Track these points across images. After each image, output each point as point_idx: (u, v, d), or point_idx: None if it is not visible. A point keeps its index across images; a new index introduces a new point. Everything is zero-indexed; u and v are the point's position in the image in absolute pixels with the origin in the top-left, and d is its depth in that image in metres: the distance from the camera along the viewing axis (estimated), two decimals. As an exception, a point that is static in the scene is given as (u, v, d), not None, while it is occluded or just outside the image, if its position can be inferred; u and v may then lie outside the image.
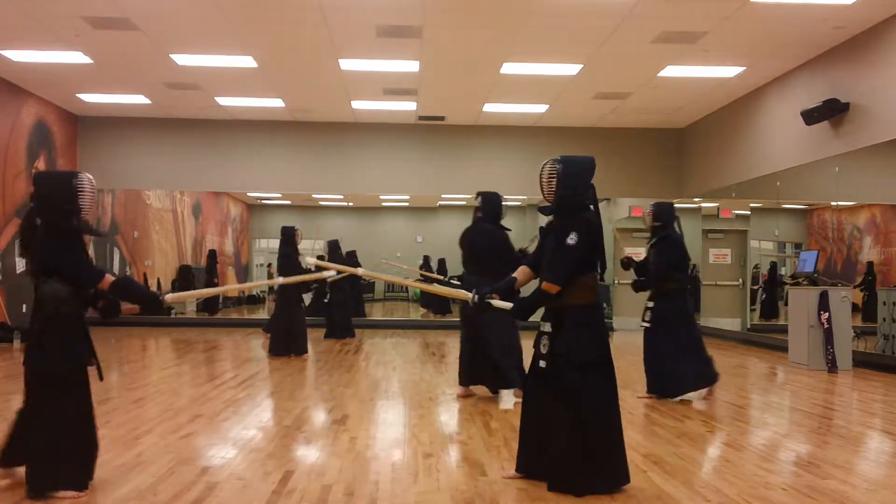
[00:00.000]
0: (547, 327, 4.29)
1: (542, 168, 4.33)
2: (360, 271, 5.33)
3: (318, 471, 4.57)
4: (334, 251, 13.41)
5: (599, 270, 4.33)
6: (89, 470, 4.06)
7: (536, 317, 4.50)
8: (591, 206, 4.35)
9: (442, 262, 20.08)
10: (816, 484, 4.38)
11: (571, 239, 4.18)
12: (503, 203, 7.25)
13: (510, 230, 7.22)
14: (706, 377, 7.16)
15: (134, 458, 4.79)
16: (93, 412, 4.10)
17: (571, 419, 4.08)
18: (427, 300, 19.58)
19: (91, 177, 4.09)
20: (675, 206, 7.61)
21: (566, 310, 4.22)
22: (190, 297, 4.66)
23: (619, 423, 4.23)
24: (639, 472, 4.59)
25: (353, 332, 13.35)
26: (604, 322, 4.38)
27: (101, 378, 4.11)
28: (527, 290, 4.41)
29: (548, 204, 4.38)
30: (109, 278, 4.01)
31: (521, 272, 4.48)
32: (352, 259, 15.22)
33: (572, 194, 4.26)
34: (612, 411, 4.22)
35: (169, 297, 4.14)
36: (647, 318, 7.21)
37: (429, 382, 8.20)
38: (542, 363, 4.24)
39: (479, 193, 7.34)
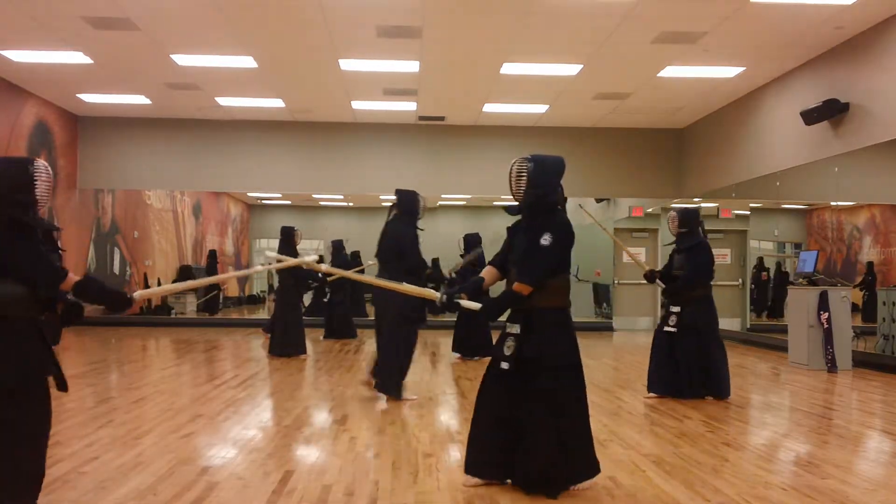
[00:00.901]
0: (515, 329, 4.19)
1: (512, 166, 4.26)
2: (323, 267, 5.11)
3: (318, 471, 4.57)
4: (338, 251, 13.38)
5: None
6: (35, 493, 3.54)
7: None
8: (559, 207, 4.28)
9: (435, 262, 20.03)
10: (816, 484, 4.39)
11: (545, 240, 4.11)
12: (420, 202, 7.19)
13: (423, 230, 7.19)
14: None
15: (134, 458, 4.79)
16: (48, 432, 3.58)
17: (548, 421, 4.05)
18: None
19: (47, 164, 3.64)
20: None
21: (536, 312, 4.15)
22: (160, 293, 4.22)
23: (588, 420, 4.25)
24: (638, 472, 4.60)
25: (354, 332, 13.30)
26: (573, 324, 4.30)
27: (65, 389, 3.68)
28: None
29: (514, 203, 4.32)
30: (73, 278, 3.53)
31: (487, 272, 4.40)
32: (356, 260, 15.19)
33: (543, 194, 4.20)
34: (584, 410, 4.22)
35: (137, 294, 3.73)
36: (671, 323, 7.15)
37: (429, 382, 8.21)
38: (505, 364, 4.15)
39: (396, 191, 7.28)
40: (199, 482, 4.29)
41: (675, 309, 7.16)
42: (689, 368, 7.08)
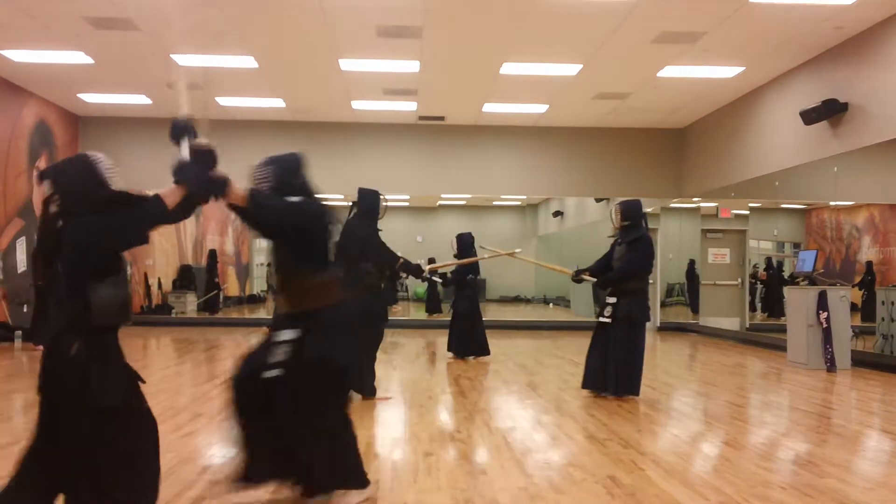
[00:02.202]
0: (288, 335, 3.85)
1: (255, 166, 4.39)
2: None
3: (319, 470, 4.57)
4: None
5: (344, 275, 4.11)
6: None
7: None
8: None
9: (431, 261, 20.03)
10: (815, 483, 4.40)
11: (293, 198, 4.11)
12: (380, 201, 7.11)
13: (381, 230, 7.13)
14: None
15: (135, 458, 4.79)
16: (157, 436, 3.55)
17: (312, 421, 3.82)
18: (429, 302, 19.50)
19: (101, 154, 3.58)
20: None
21: (315, 314, 3.92)
22: None
23: (347, 424, 4.01)
24: (638, 471, 4.61)
25: None
26: (355, 318, 4.18)
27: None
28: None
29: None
30: (165, 192, 3.62)
31: None
32: None
33: (281, 189, 4.26)
34: (341, 412, 4.03)
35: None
36: (606, 314, 7.18)
37: (429, 381, 8.22)
38: (274, 372, 3.79)
39: (358, 189, 7.21)
40: (200, 481, 4.30)
41: (611, 300, 7.18)
42: (616, 361, 7.00)
